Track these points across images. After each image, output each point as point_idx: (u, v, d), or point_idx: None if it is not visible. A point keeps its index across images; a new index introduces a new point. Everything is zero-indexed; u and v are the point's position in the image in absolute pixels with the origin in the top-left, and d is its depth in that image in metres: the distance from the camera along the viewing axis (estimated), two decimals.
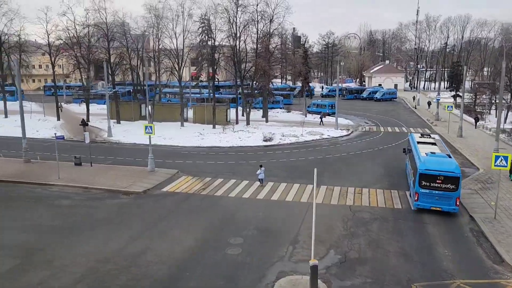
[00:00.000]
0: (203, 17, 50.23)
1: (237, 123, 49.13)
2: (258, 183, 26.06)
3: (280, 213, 21.37)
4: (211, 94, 60.21)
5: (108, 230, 19.11)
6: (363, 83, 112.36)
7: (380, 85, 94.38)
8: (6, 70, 60.95)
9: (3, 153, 34.69)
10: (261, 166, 26.75)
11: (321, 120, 49.86)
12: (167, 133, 43.27)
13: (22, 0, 55.76)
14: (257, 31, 46.16)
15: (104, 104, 66.69)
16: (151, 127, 28.46)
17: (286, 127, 47.00)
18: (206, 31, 52.70)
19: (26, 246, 17.28)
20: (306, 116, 56.91)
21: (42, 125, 48.79)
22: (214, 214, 21.09)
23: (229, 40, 50.01)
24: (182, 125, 48.61)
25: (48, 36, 50.92)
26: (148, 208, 22.15)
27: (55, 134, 28.97)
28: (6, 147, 37.30)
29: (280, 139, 40.09)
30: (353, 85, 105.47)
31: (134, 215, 21.14)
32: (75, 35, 49.88)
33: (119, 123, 50.41)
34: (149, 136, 28.85)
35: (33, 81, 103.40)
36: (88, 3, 48.70)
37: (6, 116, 53.58)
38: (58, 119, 51.99)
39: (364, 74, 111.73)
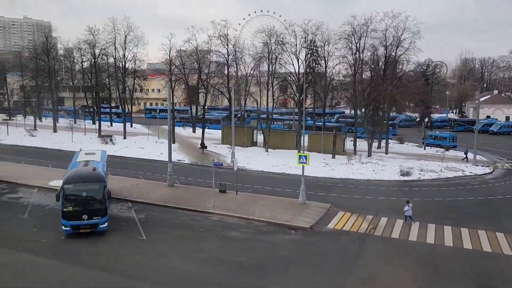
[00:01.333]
0: (312, 43, 49.34)
1: (355, 153, 46.56)
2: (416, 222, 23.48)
3: None
4: (313, 122, 58.79)
5: (304, 271, 17.35)
6: (464, 114, 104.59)
7: (488, 116, 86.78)
8: (122, 94, 64.49)
9: (142, 175, 35.20)
10: (408, 202, 24.19)
11: (466, 156, 45.11)
12: (290, 161, 41.85)
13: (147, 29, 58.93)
14: (385, 57, 43.79)
15: (209, 128, 68.49)
16: (305, 157, 26.92)
17: (414, 160, 43.43)
18: (315, 59, 51.73)
19: (228, 284, 15.99)
20: (424, 149, 52.86)
21: (162, 147, 49.81)
22: (424, 265, 18.55)
23: (347, 67, 48.43)
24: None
25: (170, 62, 52.96)
26: (329, 248, 20.19)
27: (213, 160, 28.39)
28: (140, 168, 38.01)
29: (419, 174, 36.73)
30: (454, 116, 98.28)
31: (320, 255, 19.24)
32: (197, 60, 51.32)
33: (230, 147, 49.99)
34: (303, 166, 27.31)
35: (133, 103, 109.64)
36: (210, 30, 51.32)
37: (124, 138, 55.85)
38: (173, 142, 52.99)
39: (466, 105, 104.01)
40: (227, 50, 49.36)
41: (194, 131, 64.57)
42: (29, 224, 22.53)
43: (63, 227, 20.58)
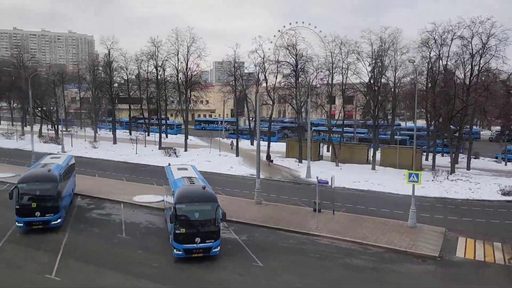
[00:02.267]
0: (384, 52, 46.92)
1: (433, 168, 43.39)
2: None
3: None
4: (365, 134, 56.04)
5: None
6: None
7: None
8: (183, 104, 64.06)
9: (220, 190, 33.62)
10: None
11: None
12: (369, 177, 39.37)
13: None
14: (471, 66, 40.70)
15: (263, 140, 66.85)
16: (416, 175, 24.45)
17: (503, 178, 39.86)
18: (379, 69, 49.10)
19: None
20: (506, 164, 48.97)
21: (228, 160, 48.40)
22: None
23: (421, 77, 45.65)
24: (373, 168, 44.38)
25: (234, 73, 51.92)
26: (482, 283, 17.64)
27: (317, 178, 26.41)
28: (217, 183, 36.43)
29: None
30: None
31: None
32: (263, 70, 50.06)
33: (301, 162, 47.87)
34: (413, 185, 24.84)
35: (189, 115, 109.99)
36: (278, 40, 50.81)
37: (185, 150, 54.86)
38: (237, 155, 51.51)
39: None
40: (295, 60, 47.53)
41: (252, 144, 62.94)
42: (133, 245, 21.14)
43: (174, 250, 19.05)
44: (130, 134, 68.75)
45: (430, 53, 43.57)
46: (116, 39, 59.37)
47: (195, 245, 18.78)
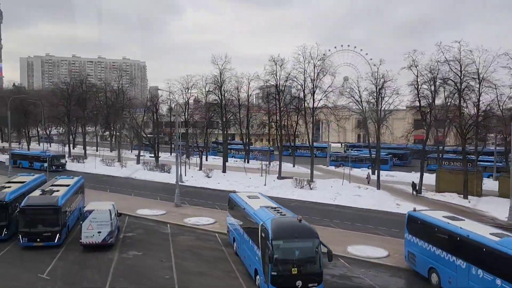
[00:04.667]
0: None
1: None
2: None
3: None
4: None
5: None
6: None
7: None
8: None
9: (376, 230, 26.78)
10: None
11: None
12: None
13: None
14: None
15: (368, 167, 59.96)
16: None
17: None
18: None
19: None
20: None
21: (373, 194, 41.55)
22: None
23: None
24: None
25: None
26: None
27: None
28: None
29: None
30: None
31: None
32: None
33: (466, 197, 40.10)
34: None
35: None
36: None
37: (311, 180, 48.44)
38: (378, 187, 44.48)
39: None
40: (461, 79, 40.50)
41: (373, 173, 55.74)
42: None
43: None
44: (224, 160, 63.31)
45: None
46: (228, 59, 54.21)
47: None
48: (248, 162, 64.37)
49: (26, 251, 22.47)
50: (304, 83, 48.48)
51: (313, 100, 48.47)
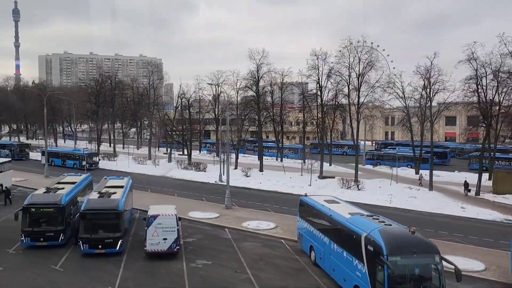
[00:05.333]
0: None
1: None
2: None
3: None
4: None
5: None
6: None
7: None
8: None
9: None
10: None
11: None
12: None
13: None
14: None
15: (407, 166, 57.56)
16: None
17: None
18: None
19: None
20: None
21: (440, 198, 38.88)
22: None
23: None
24: None
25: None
26: None
27: None
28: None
29: None
30: None
31: None
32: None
33: None
34: None
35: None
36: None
37: (356, 180, 46.13)
38: (431, 188, 41.95)
39: None
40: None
41: (417, 173, 53.01)
42: None
43: None
44: (261, 158, 61.31)
45: None
46: (266, 53, 52.03)
47: None
48: (281, 160, 62.23)
49: (87, 258, 20.77)
50: (349, 78, 46.20)
51: (358, 96, 46.14)
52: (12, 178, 39.90)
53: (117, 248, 21.01)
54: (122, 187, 26.08)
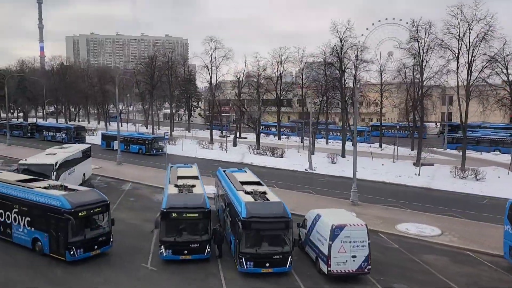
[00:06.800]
0: None
1: None
2: None
3: None
4: None
5: None
6: None
7: None
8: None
9: None
10: None
11: None
12: None
13: None
14: None
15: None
16: None
17: None
18: None
19: None
20: None
21: None
22: None
23: None
24: None
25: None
26: None
27: None
28: None
29: None
30: None
31: None
32: None
33: None
34: None
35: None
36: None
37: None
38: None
39: None
40: None
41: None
42: None
43: None
44: (343, 143, 55.42)
45: None
46: (351, 25, 45.95)
47: None
48: (353, 145, 56.44)
49: (247, 277, 16.09)
50: (459, 51, 39.85)
51: (470, 71, 39.95)
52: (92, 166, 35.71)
53: (287, 266, 16.25)
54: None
